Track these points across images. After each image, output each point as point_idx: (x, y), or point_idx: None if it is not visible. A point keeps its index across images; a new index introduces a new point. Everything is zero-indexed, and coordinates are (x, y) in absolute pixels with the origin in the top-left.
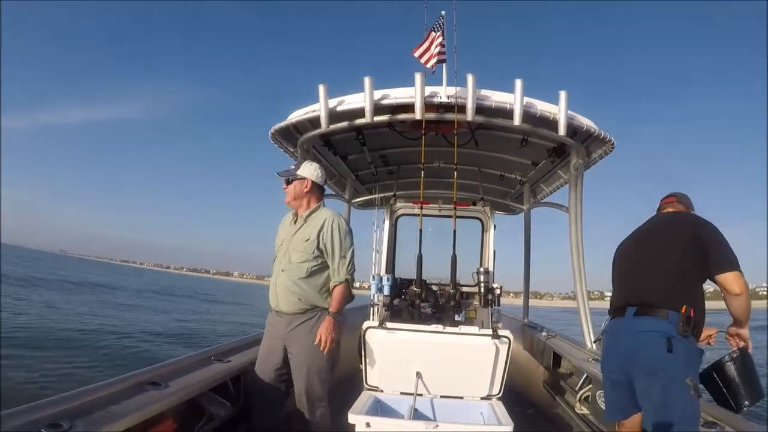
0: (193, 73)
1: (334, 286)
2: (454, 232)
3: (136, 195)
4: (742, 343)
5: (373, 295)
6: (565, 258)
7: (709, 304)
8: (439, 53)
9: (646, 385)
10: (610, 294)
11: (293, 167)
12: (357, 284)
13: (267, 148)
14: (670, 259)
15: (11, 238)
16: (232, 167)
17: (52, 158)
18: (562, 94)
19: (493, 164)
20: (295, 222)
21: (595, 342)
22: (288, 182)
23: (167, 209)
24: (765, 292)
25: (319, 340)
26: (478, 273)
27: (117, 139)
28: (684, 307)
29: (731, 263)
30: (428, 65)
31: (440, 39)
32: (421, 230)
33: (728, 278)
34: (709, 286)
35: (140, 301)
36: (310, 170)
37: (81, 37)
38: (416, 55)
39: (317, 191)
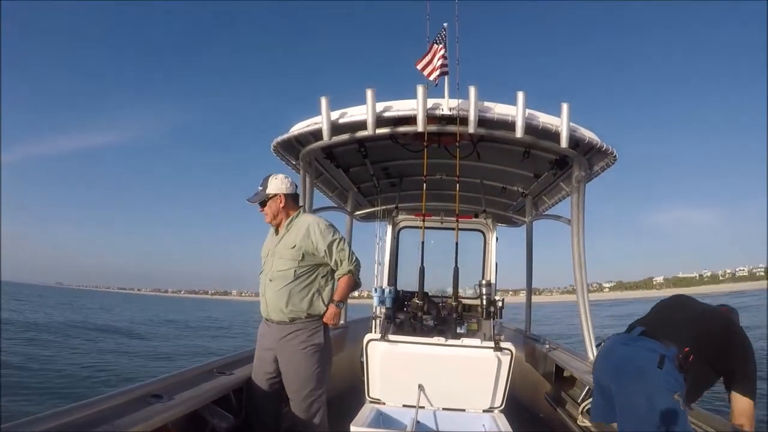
0: (182, 92)
1: (339, 278)
2: (456, 244)
3: (125, 222)
4: None
5: (376, 307)
6: (564, 255)
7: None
8: (442, 66)
9: (631, 393)
10: (608, 285)
11: (261, 188)
12: (356, 293)
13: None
14: (696, 317)
15: (5, 274)
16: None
17: (34, 190)
18: (564, 107)
19: (495, 176)
20: (277, 233)
21: (597, 347)
22: (262, 204)
23: (158, 234)
24: (763, 273)
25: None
26: (480, 285)
27: (100, 168)
28: (687, 349)
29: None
30: (431, 77)
31: (443, 51)
32: (423, 242)
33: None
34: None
35: None
36: (278, 185)
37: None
38: (419, 67)
39: (292, 200)
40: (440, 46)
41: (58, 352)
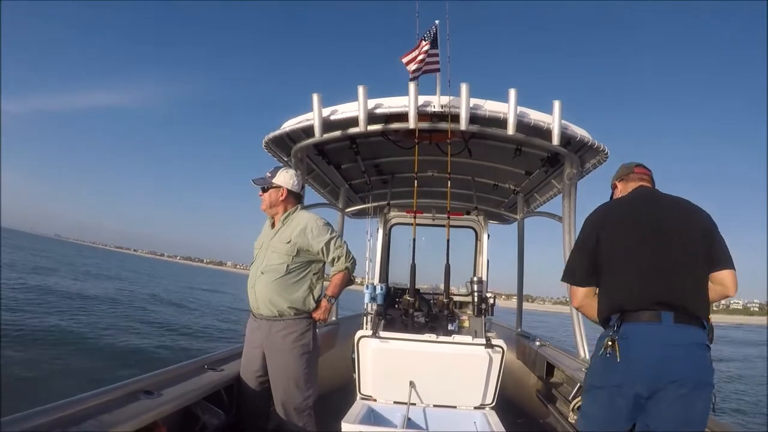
0: (183, 72)
1: (334, 274)
2: (448, 241)
3: (124, 183)
4: None
5: (367, 304)
6: (558, 263)
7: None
8: (424, 61)
9: (688, 401)
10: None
11: (269, 174)
12: (359, 279)
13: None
14: (700, 258)
15: (6, 221)
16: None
17: (45, 144)
18: (556, 104)
19: (487, 174)
20: (273, 226)
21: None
22: (264, 190)
23: (159, 197)
24: (757, 309)
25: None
26: (471, 282)
27: (113, 128)
28: (710, 318)
29: (731, 260)
30: (410, 70)
31: (427, 47)
32: (414, 239)
33: (732, 276)
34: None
35: None
36: (285, 179)
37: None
38: (404, 61)
39: (293, 198)
40: (426, 42)
41: None
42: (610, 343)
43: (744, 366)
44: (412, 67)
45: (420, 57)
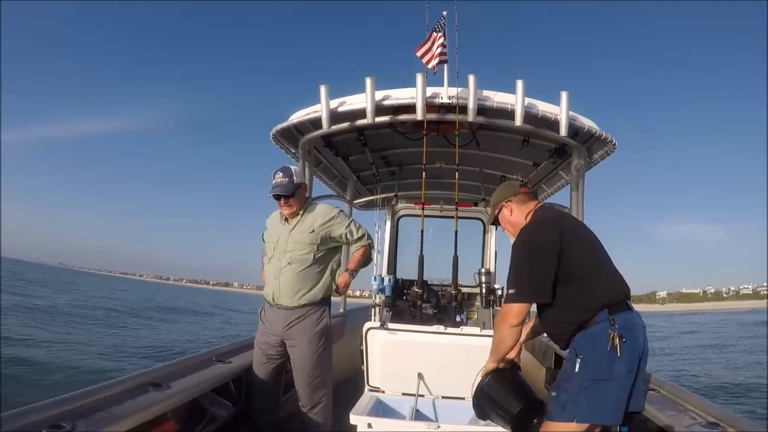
0: (190, 81)
1: (356, 250)
2: (456, 232)
3: (126, 206)
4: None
5: (375, 295)
6: None
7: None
8: (441, 54)
9: (642, 372)
10: None
11: (287, 179)
12: (358, 292)
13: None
14: None
15: (9, 251)
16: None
17: (45, 172)
18: (564, 95)
19: (495, 165)
20: (287, 220)
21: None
22: (286, 197)
23: (162, 221)
24: (765, 292)
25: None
26: (479, 274)
27: (110, 152)
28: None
29: None
30: (429, 65)
31: (441, 39)
32: (422, 231)
33: None
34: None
35: None
36: (300, 175)
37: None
38: (418, 54)
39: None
40: (439, 34)
41: None
42: (615, 336)
43: None
44: (433, 62)
45: (438, 50)
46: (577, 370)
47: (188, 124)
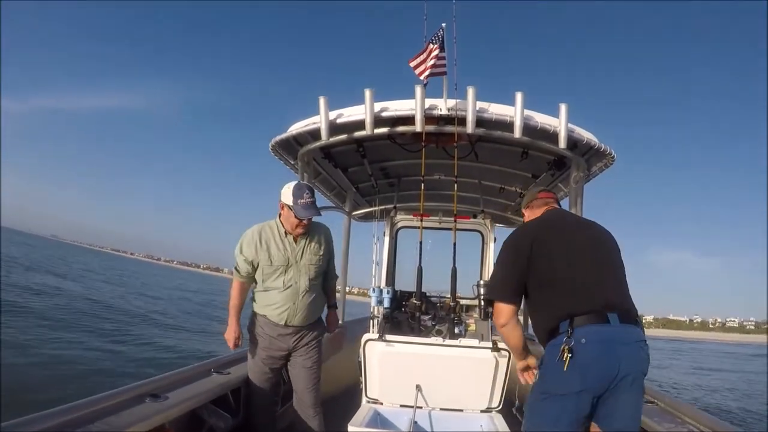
0: (192, 77)
1: (332, 283)
2: (454, 244)
3: (122, 186)
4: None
5: (373, 307)
6: None
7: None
8: (435, 66)
9: (633, 394)
10: None
11: (312, 199)
12: (356, 289)
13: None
14: (622, 266)
15: (4, 219)
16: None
17: (45, 143)
18: (563, 107)
19: (494, 177)
20: (295, 240)
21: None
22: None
23: (158, 201)
24: (753, 327)
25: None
26: (478, 285)
27: (116, 129)
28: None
29: None
30: (421, 77)
31: (437, 51)
32: (421, 243)
33: None
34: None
35: None
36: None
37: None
38: (412, 65)
39: None
40: (436, 46)
41: None
42: (565, 349)
43: None
44: (425, 73)
45: (431, 62)
46: (536, 380)
47: (190, 110)
